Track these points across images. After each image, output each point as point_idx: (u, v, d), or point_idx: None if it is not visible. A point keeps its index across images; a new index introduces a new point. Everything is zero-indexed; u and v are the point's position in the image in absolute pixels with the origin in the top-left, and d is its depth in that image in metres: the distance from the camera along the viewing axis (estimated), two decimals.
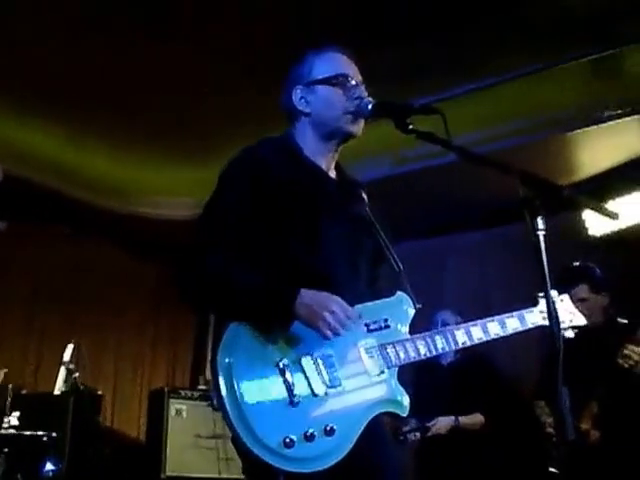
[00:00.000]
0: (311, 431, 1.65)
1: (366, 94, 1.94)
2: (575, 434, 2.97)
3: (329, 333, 1.69)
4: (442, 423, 4.05)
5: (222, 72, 4.34)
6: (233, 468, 4.69)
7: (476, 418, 4.12)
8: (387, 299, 1.95)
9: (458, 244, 5.92)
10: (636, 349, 3.09)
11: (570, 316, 2.27)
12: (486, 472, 4.02)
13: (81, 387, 4.76)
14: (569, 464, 2.73)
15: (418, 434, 4.05)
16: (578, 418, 3.09)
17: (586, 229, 5.03)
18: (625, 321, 3.35)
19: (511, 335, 2.04)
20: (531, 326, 2.08)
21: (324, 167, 1.99)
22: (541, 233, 1.50)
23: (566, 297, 2.33)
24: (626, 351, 3.10)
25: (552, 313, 1.51)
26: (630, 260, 4.70)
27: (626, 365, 3.09)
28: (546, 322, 2.02)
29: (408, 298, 1.95)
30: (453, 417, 4.06)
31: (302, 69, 2.00)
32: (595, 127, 4.49)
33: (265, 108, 2.31)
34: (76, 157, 5.39)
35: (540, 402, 3.56)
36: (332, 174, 2.02)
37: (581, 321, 2.28)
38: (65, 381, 4.74)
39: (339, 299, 1.73)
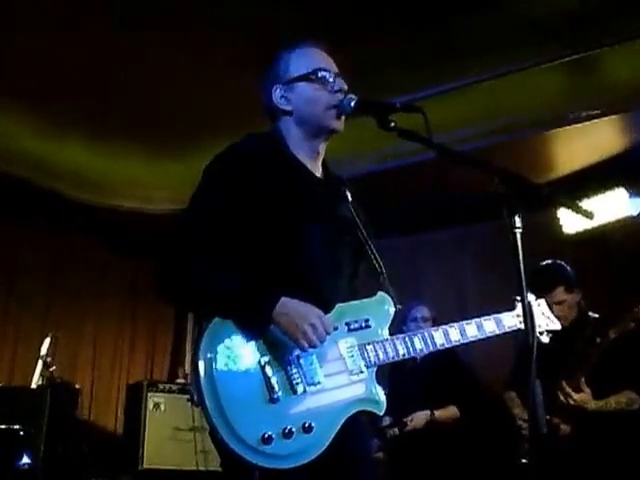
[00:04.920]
0: (289, 428, 1.67)
1: (346, 86, 1.95)
2: (546, 427, 3.03)
3: (306, 346, 1.71)
4: (419, 418, 4.11)
5: (204, 66, 4.32)
6: (211, 461, 4.71)
7: (451, 411, 4.19)
8: (369, 299, 1.95)
9: (434, 241, 5.98)
10: (570, 392, 3.13)
11: (546, 320, 2.30)
12: (459, 463, 4.09)
13: (58, 380, 4.75)
14: (540, 456, 2.79)
15: (397, 430, 4.11)
16: (549, 411, 3.15)
17: (560, 227, 5.12)
18: (596, 315, 3.42)
19: (488, 338, 2.07)
20: (508, 330, 2.11)
21: (309, 165, 1.99)
22: (518, 231, 1.53)
23: (543, 302, 2.36)
24: (563, 388, 3.14)
25: (527, 315, 1.53)
26: (602, 257, 4.80)
27: (563, 400, 3.14)
28: (522, 326, 2.09)
29: (389, 298, 1.96)
30: (428, 411, 4.13)
31: (278, 67, 2.00)
32: (571, 127, 4.55)
33: (247, 103, 2.31)
34: (53, 149, 5.31)
35: (511, 393, 3.60)
36: (318, 172, 2.02)
37: (557, 326, 2.31)
38: (42, 374, 4.71)
39: (320, 312, 1.75)
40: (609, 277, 4.58)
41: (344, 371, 1.81)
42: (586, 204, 4.85)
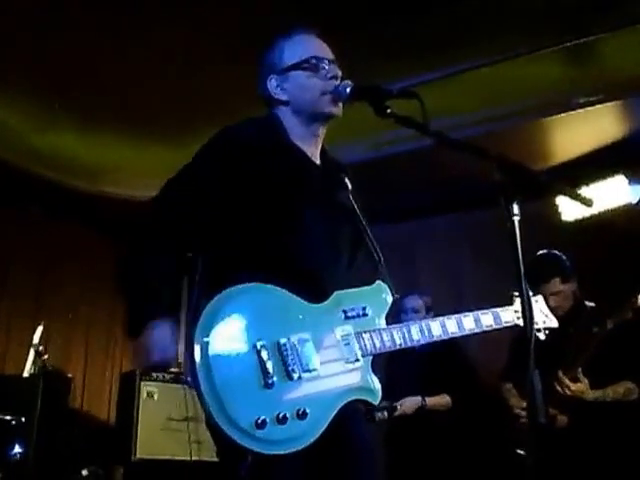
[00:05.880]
0: (284, 413, 1.65)
1: (340, 72, 1.94)
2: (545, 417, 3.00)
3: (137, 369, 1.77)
4: (409, 403, 4.11)
5: (199, 52, 4.27)
6: (204, 451, 4.68)
7: (443, 399, 4.19)
8: (367, 287, 1.95)
9: (431, 229, 5.95)
10: (568, 382, 3.12)
11: (543, 317, 2.29)
12: (454, 454, 4.07)
13: (50, 369, 4.72)
14: (537, 446, 2.77)
15: (385, 413, 4.09)
16: (547, 402, 3.12)
17: (559, 214, 5.09)
18: (592, 304, 3.39)
19: (484, 332, 2.06)
20: (505, 325, 2.10)
21: (308, 152, 1.98)
22: (516, 219, 1.51)
23: (540, 298, 2.35)
24: (561, 379, 3.13)
25: (525, 306, 1.51)
26: (601, 244, 4.77)
27: (560, 390, 3.12)
28: (520, 322, 2.06)
29: (387, 287, 1.95)
30: (419, 397, 4.12)
31: (273, 56, 1.99)
32: (569, 113, 4.52)
33: (244, 89, 2.28)
34: (45, 136, 5.28)
35: (507, 384, 3.59)
36: (316, 159, 2.01)
37: (554, 324, 2.30)
38: (34, 363, 4.68)
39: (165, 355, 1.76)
40: (608, 265, 4.55)
41: (340, 359, 1.80)
42: (585, 191, 4.81)
